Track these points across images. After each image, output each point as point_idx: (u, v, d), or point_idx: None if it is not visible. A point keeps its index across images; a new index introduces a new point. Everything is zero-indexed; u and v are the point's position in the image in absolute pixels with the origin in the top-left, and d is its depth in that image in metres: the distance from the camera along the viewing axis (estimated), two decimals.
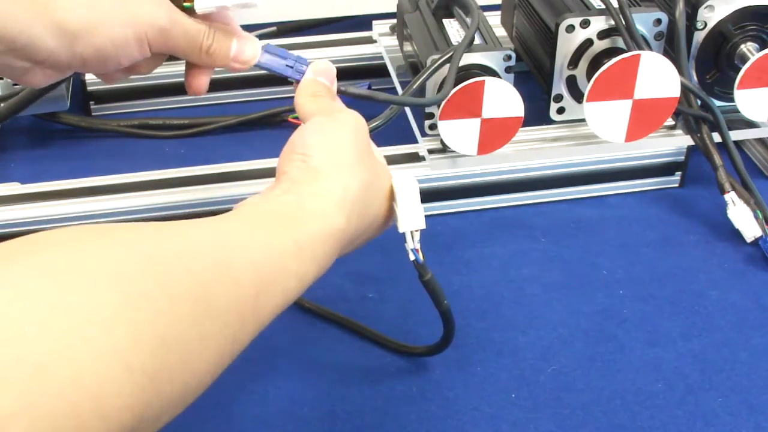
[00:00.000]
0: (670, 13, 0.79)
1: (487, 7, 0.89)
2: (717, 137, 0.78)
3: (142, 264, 0.37)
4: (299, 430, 0.61)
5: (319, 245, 0.47)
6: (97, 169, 0.80)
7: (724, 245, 0.76)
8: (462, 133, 0.75)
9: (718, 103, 0.80)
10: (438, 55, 0.75)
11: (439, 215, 0.80)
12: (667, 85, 0.75)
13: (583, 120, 0.77)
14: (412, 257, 0.56)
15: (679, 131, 0.81)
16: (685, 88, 0.77)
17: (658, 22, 0.78)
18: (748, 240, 0.75)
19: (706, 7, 0.78)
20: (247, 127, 0.92)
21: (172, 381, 0.36)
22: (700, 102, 0.79)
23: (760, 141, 0.86)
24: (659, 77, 0.74)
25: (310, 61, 0.59)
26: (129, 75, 0.58)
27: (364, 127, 0.54)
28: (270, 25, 1.01)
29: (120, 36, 0.53)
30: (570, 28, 0.77)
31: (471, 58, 0.76)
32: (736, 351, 0.66)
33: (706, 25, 0.79)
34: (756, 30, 0.79)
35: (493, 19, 0.91)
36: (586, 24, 0.77)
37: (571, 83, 0.80)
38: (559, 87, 0.81)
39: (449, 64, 0.74)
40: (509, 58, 0.77)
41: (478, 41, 0.78)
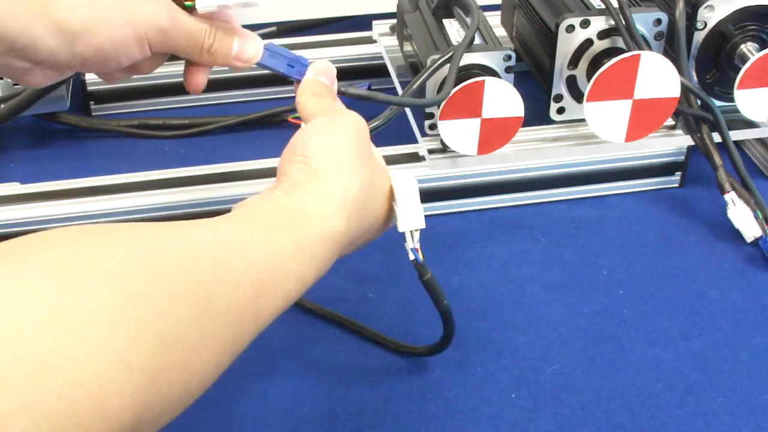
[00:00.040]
0: (670, 13, 0.79)
1: (487, 7, 0.89)
2: (717, 137, 0.78)
3: (142, 264, 0.37)
4: (299, 430, 0.61)
5: (319, 247, 0.47)
6: (97, 169, 0.80)
7: (724, 245, 0.76)
8: (462, 133, 0.75)
9: (718, 103, 0.80)
10: (438, 55, 0.75)
11: (439, 215, 0.80)
12: (667, 85, 0.75)
13: (583, 120, 0.77)
14: (411, 257, 0.56)
15: (679, 131, 0.81)
16: (685, 88, 0.77)
17: (658, 22, 0.78)
18: (748, 240, 0.75)
19: (706, 7, 0.78)
20: (247, 127, 0.92)
21: (172, 381, 0.36)
22: (700, 102, 0.79)
23: (760, 141, 0.86)
24: (659, 77, 0.74)
25: (310, 61, 0.59)
26: (130, 74, 0.58)
27: (364, 128, 0.54)
28: (270, 25, 1.01)
29: (120, 36, 0.53)
30: (570, 28, 0.77)
31: (471, 58, 0.76)
32: (736, 351, 0.66)
33: (706, 25, 0.79)
34: (756, 30, 0.79)
35: (493, 19, 0.91)
36: (586, 24, 0.77)
37: (571, 83, 0.80)
38: (559, 87, 0.80)
39: (449, 64, 0.74)
40: (509, 58, 0.76)
41: (478, 41, 0.78)
